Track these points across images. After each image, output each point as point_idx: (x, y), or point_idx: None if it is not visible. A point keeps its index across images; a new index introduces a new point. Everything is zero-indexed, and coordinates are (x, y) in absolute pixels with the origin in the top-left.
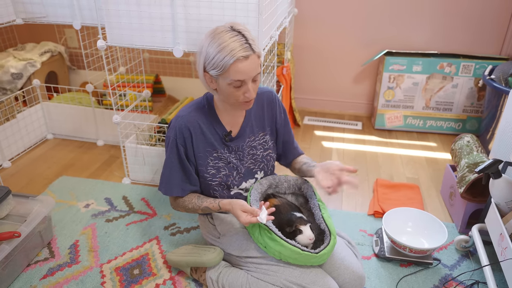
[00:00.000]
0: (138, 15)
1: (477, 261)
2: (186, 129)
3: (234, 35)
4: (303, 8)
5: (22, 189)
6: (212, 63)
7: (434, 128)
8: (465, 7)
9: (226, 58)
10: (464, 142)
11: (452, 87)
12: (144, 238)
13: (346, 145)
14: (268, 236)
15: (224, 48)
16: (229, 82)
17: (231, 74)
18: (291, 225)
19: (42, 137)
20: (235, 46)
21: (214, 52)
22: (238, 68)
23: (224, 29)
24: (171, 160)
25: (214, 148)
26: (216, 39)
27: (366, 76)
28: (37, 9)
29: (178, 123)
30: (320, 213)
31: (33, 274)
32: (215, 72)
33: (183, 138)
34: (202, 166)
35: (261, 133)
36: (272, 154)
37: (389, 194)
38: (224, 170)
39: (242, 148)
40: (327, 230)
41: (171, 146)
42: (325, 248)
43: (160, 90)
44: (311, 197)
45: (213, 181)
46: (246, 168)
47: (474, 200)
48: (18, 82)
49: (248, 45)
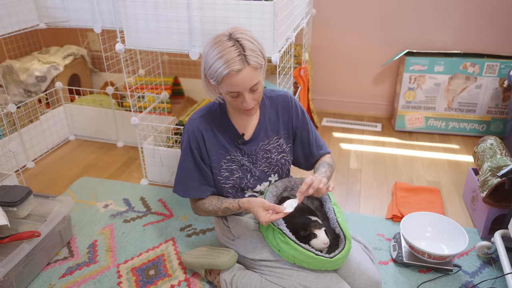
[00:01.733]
0: (155, 18)
1: (500, 269)
2: (199, 132)
3: (230, 45)
4: (321, 8)
5: (44, 189)
6: (209, 72)
7: (456, 130)
8: (488, 5)
9: (220, 70)
10: (487, 144)
11: (476, 87)
12: (160, 239)
13: (365, 147)
14: (281, 240)
15: (219, 59)
16: (226, 92)
17: (226, 86)
18: (305, 229)
19: (65, 138)
20: (229, 58)
21: (211, 61)
22: (231, 81)
23: (223, 37)
24: (186, 163)
25: (227, 151)
26: (214, 47)
27: (386, 76)
28: (60, 13)
29: (190, 126)
30: (335, 217)
31: (52, 272)
32: (213, 82)
33: (196, 141)
34: (216, 169)
35: (275, 137)
36: (286, 157)
37: (408, 198)
38: (238, 172)
39: (256, 152)
40: (342, 234)
41: (186, 149)
42: (340, 253)
43: (179, 91)
44: (326, 201)
45: (227, 184)
46: (260, 171)
47: (497, 205)
48: (42, 84)
49: (243, 56)
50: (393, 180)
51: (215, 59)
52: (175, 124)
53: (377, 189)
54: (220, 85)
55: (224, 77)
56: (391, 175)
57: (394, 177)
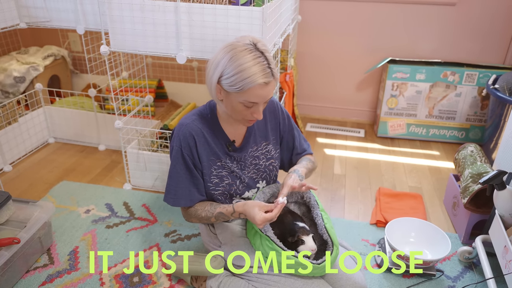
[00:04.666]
0: (142, 21)
1: (481, 273)
2: (191, 137)
3: (257, 56)
4: (306, 15)
5: (23, 193)
6: (230, 81)
7: (437, 137)
8: (469, 16)
9: (246, 81)
10: (468, 152)
11: (456, 95)
12: (144, 245)
13: (349, 152)
14: (269, 247)
15: (246, 70)
16: (241, 101)
17: (247, 96)
18: (293, 235)
19: (44, 141)
20: (257, 70)
21: (234, 70)
22: (256, 93)
23: (247, 47)
24: (177, 170)
25: (217, 157)
26: (238, 57)
27: (369, 83)
28: (41, 13)
29: (182, 132)
30: (323, 223)
31: (32, 280)
32: (232, 89)
33: (188, 147)
34: (206, 175)
35: (264, 143)
36: (274, 163)
37: (391, 203)
38: (227, 179)
39: (245, 158)
40: (329, 240)
41: (176, 156)
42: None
43: (162, 95)
44: (314, 207)
45: (216, 190)
46: (249, 177)
47: (478, 211)
48: (21, 85)
49: (270, 70)
50: (377, 185)
51: (241, 69)
52: (160, 128)
53: (361, 195)
54: (240, 94)
55: (252, 87)
56: (374, 180)
57: (378, 183)
